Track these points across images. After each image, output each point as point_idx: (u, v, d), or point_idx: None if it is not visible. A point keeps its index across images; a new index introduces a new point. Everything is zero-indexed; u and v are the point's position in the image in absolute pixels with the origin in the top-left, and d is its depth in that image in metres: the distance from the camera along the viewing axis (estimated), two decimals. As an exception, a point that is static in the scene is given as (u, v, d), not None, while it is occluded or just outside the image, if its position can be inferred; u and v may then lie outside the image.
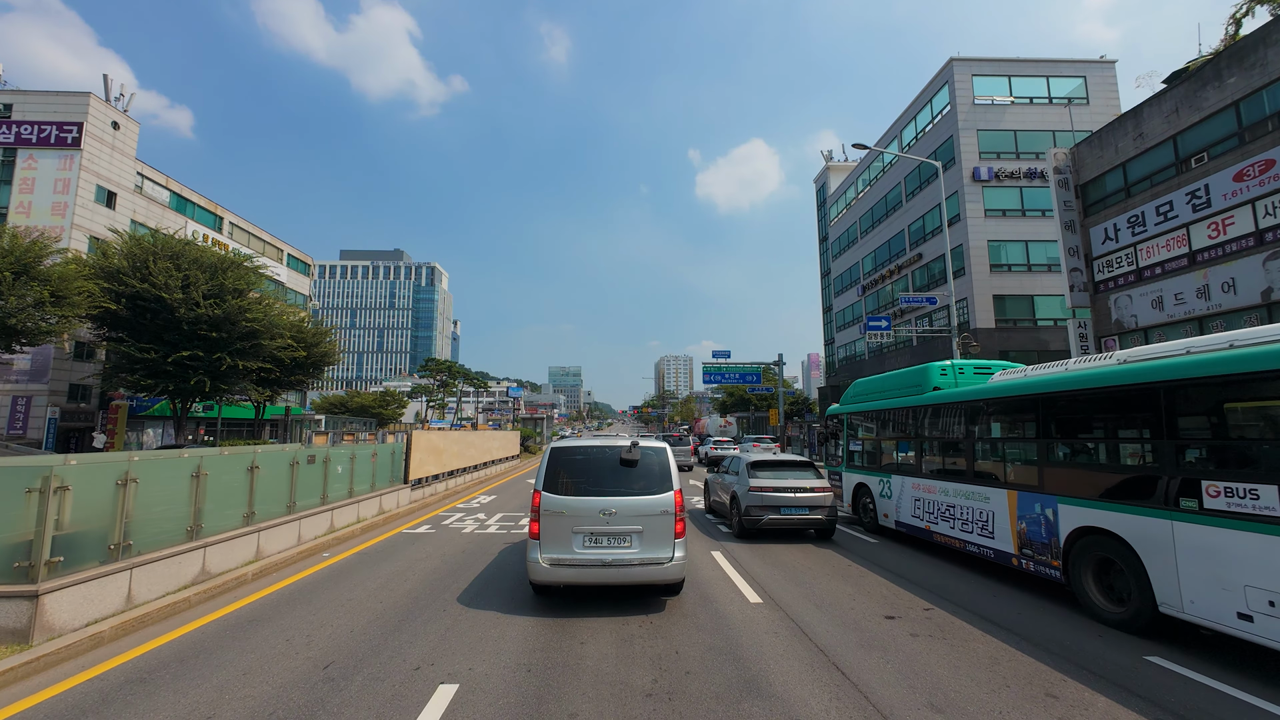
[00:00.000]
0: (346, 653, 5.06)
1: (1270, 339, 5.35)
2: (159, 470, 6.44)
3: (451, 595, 6.89)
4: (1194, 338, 6.86)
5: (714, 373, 43.32)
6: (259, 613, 6.19)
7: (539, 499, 6.46)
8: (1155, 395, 6.04)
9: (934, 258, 35.90)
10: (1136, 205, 19.64)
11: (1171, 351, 6.53)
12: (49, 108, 30.08)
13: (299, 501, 9.26)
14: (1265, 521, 4.85)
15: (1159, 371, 6.12)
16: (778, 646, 5.29)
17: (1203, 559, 5.27)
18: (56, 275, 20.41)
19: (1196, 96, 17.87)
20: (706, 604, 6.60)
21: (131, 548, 5.92)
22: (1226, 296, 16.70)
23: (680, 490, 6.63)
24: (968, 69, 33.52)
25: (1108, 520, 6.29)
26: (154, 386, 24.45)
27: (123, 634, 5.36)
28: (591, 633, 5.61)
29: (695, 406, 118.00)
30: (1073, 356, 21.47)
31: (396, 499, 13.45)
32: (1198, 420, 5.91)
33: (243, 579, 7.19)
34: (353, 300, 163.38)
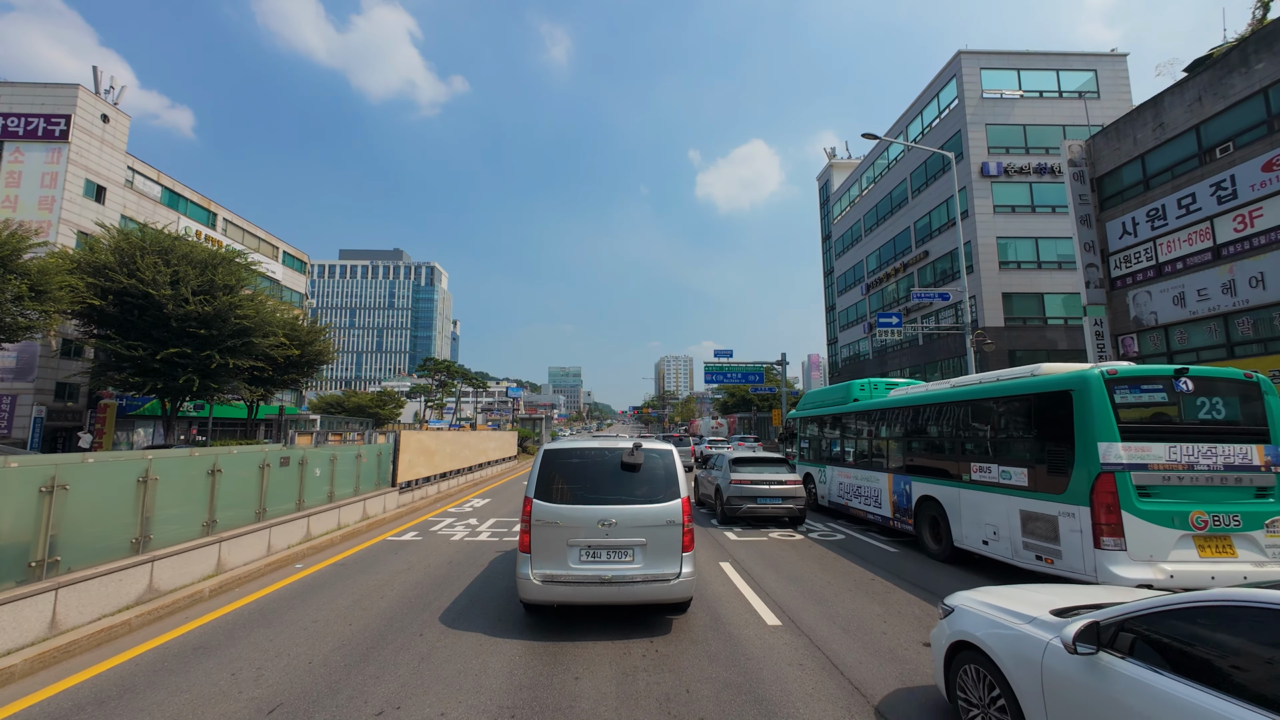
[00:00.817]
0: (299, 692, 4.31)
1: (1010, 377, 8.73)
2: (96, 475, 5.70)
3: (432, 614, 6.14)
4: (999, 370, 9.95)
5: (716, 372, 42.57)
6: (208, 638, 5.43)
7: (530, 507, 5.72)
8: (947, 409, 9.68)
9: (941, 255, 35.16)
10: (1156, 198, 18.90)
11: (963, 382, 10.02)
12: (36, 100, 29.36)
13: (270, 507, 8.51)
14: (992, 486, 8.23)
15: (940, 395, 10.00)
16: (805, 684, 4.54)
17: (969, 510, 8.66)
18: (36, 269, 19.67)
19: (1221, 84, 17.13)
20: (718, 627, 5.84)
21: (59, 564, 5.17)
22: (1255, 292, 15.95)
23: (688, 498, 5.88)
24: (976, 62, 32.80)
25: (934, 490, 9.65)
26: (142, 385, 23.75)
27: (39, 668, 4.60)
28: (588, 664, 4.85)
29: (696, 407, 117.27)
30: (1089, 356, 20.73)
31: (383, 503, 12.69)
32: (970, 425, 9.18)
33: (198, 596, 6.43)
34: (352, 300, 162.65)
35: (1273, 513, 6.75)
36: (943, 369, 35.44)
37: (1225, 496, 6.89)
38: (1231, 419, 7.35)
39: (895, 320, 27.21)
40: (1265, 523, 6.62)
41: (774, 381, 45.53)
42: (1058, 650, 3.00)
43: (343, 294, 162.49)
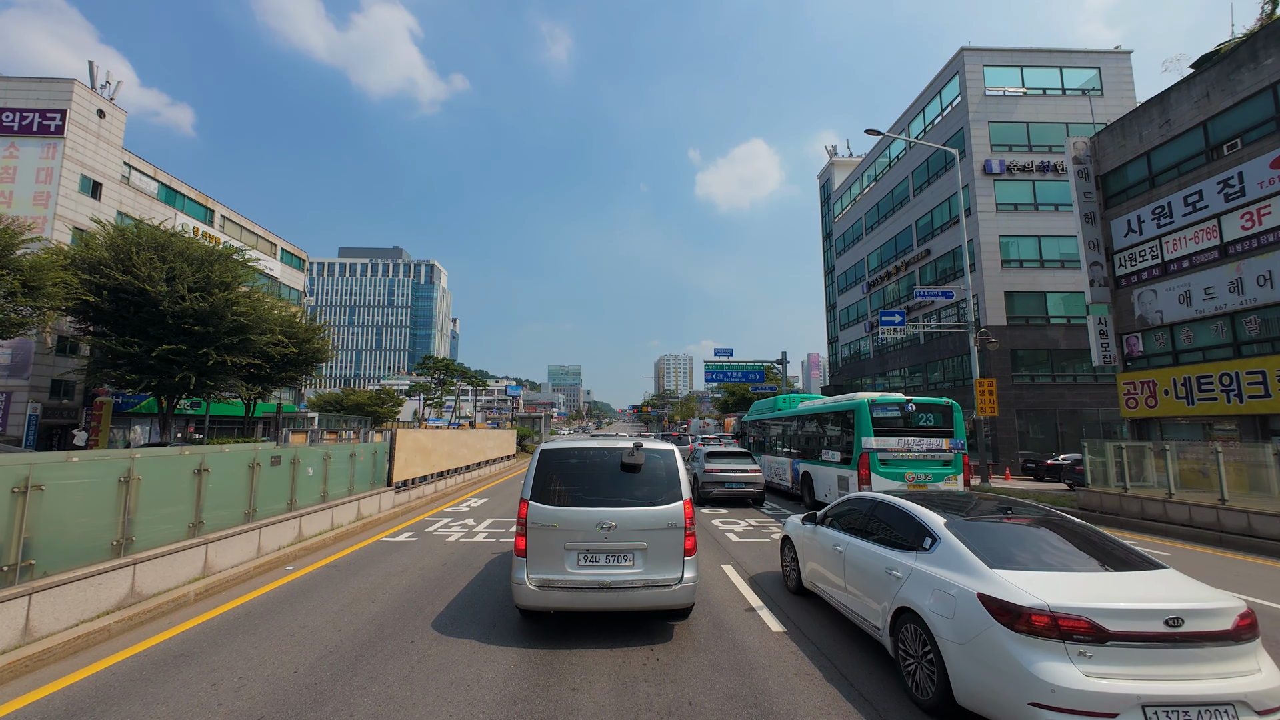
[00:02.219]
0: (282, 704, 4.10)
1: (825, 401, 16.19)
2: (75, 475, 5.48)
3: (425, 620, 5.93)
4: (869, 393, 14.83)
5: (716, 371, 42.37)
6: (191, 645, 5.21)
7: (526, 509, 5.50)
8: (812, 418, 16.09)
9: (942, 253, 34.97)
10: (1162, 196, 18.68)
11: (820, 401, 16.84)
12: (31, 94, 29.07)
13: (260, 508, 8.29)
14: (828, 462, 14.14)
15: (811, 409, 16.51)
16: (814, 696, 4.33)
17: (821, 478, 14.30)
18: (29, 265, 19.44)
19: (1229, 80, 16.90)
20: (721, 634, 5.63)
21: (33, 568, 4.95)
22: (1263, 290, 15.74)
23: (690, 499, 5.67)
24: (979, 59, 32.57)
25: (807, 467, 15.49)
26: (138, 382, 23.52)
27: (9, 677, 4.38)
28: (585, 673, 4.64)
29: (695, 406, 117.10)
30: (1093, 356, 20.53)
31: (378, 503, 12.48)
32: (821, 428, 15.41)
33: (182, 600, 6.22)
34: (351, 298, 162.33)
35: (949, 474, 12.79)
36: (944, 368, 35.25)
37: (925, 466, 12.76)
38: (934, 424, 13.18)
39: (898, 319, 26.99)
40: (944, 479, 12.72)
41: (774, 380, 45.33)
42: (804, 528, 6.77)
43: (342, 292, 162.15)
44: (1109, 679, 3.31)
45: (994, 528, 4.55)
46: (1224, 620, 3.47)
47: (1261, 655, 3.56)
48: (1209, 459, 12.35)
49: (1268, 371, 15.22)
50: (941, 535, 4.48)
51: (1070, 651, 3.40)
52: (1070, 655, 3.39)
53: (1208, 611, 3.49)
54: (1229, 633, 3.44)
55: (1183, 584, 3.82)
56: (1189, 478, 12.97)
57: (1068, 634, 3.42)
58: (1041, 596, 3.58)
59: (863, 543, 5.39)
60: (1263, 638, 3.72)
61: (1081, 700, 3.24)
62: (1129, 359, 20.06)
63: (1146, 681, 3.30)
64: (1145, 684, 3.29)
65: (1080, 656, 3.38)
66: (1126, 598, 3.57)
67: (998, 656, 3.58)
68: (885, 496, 5.68)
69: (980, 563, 4.04)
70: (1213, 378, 16.70)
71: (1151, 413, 18.69)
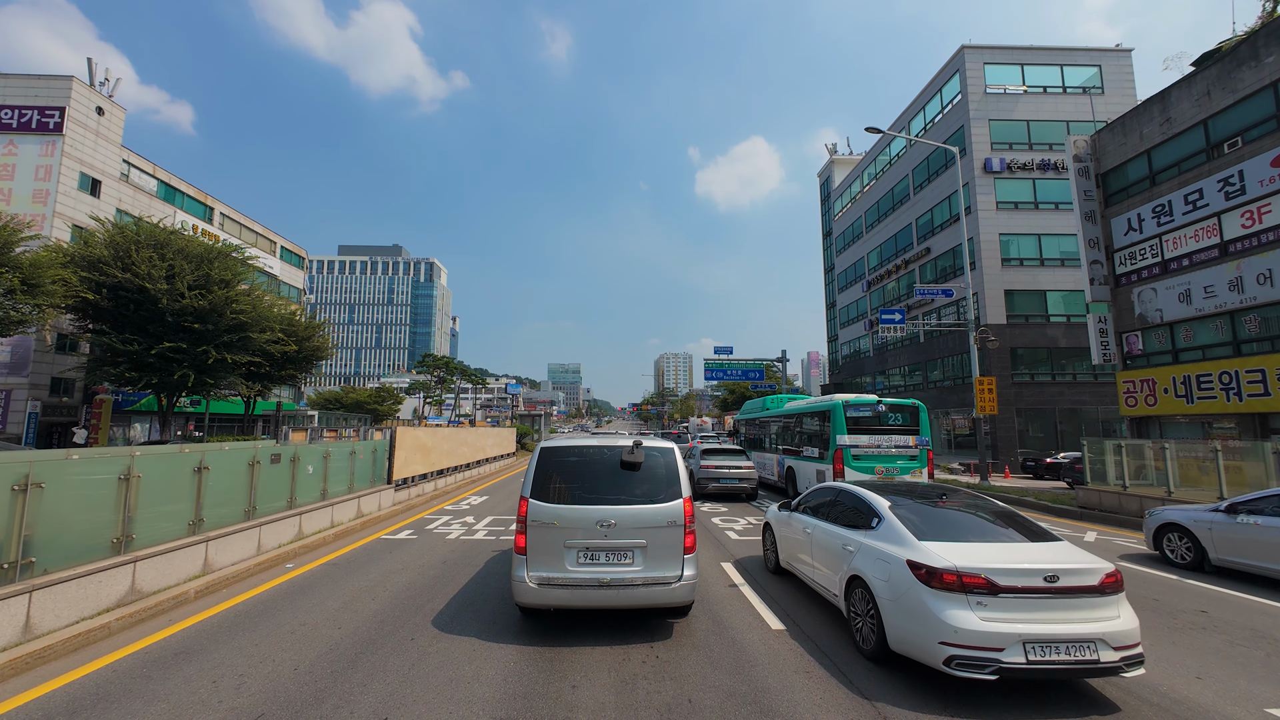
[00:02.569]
0: (282, 701, 4.10)
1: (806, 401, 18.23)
2: (75, 473, 5.47)
3: (425, 618, 5.94)
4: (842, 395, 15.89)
5: (716, 369, 42.37)
6: (191, 642, 5.22)
7: (526, 507, 5.51)
8: (794, 417, 17.79)
9: (943, 252, 34.94)
10: (1163, 194, 18.67)
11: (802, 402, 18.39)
12: (30, 92, 29.00)
13: (260, 506, 8.29)
14: (808, 457, 15.88)
15: (793, 409, 18.11)
16: (813, 693, 4.34)
17: (802, 472, 15.99)
18: (29, 263, 19.41)
19: (1230, 78, 16.88)
20: (720, 630, 5.64)
21: (33, 565, 4.95)
22: (1263, 289, 15.73)
23: (690, 497, 5.68)
24: (979, 57, 32.51)
25: (791, 462, 16.95)
26: (138, 380, 23.51)
27: (10, 674, 4.38)
28: (585, 671, 4.65)
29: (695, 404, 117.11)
30: (1093, 355, 20.54)
31: (378, 501, 12.48)
32: (801, 426, 17.09)
33: (183, 598, 6.22)
34: (351, 296, 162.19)
35: (914, 467, 14.23)
36: (943, 366, 35.26)
37: (893, 460, 14.22)
38: (902, 423, 14.67)
39: (898, 317, 26.97)
40: (910, 472, 14.12)
41: (774, 379, 45.34)
42: (781, 514, 7.70)
43: (342, 290, 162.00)
44: (999, 622, 4.19)
45: (928, 509, 5.47)
46: (1092, 578, 4.35)
47: (1123, 605, 4.40)
48: (1208, 457, 12.35)
49: (1267, 370, 15.22)
50: (885, 516, 5.39)
51: (970, 602, 4.29)
52: (970, 604, 4.28)
53: (1079, 570, 4.37)
54: (1095, 587, 4.31)
55: (1068, 551, 4.70)
56: (1188, 476, 12.98)
57: (969, 588, 4.31)
58: (951, 560, 4.47)
59: (826, 525, 6.31)
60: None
61: (976, 638, 4.13)
62: (1129, 357, 20.06)
63: (1028, 624, 4.19)
64: (1027, 625, 4.18)
65: (978, 605, 4.28)
66: (1017, 560, 4.48)
67: (918, 608, 4.46)
68: (846, 485, 6.55)
69: (912, 536, 4.93)
70: (1212, 376, 16.71)
71: (1151, 411, 18.70)
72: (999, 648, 4.10)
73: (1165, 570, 8.57)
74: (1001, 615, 4.22)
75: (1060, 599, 4.28)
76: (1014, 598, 4.26)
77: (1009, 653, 4.07)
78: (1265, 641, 5.60)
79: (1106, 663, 4.10)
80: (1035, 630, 4.15)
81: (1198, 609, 6.67)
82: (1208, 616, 6.39)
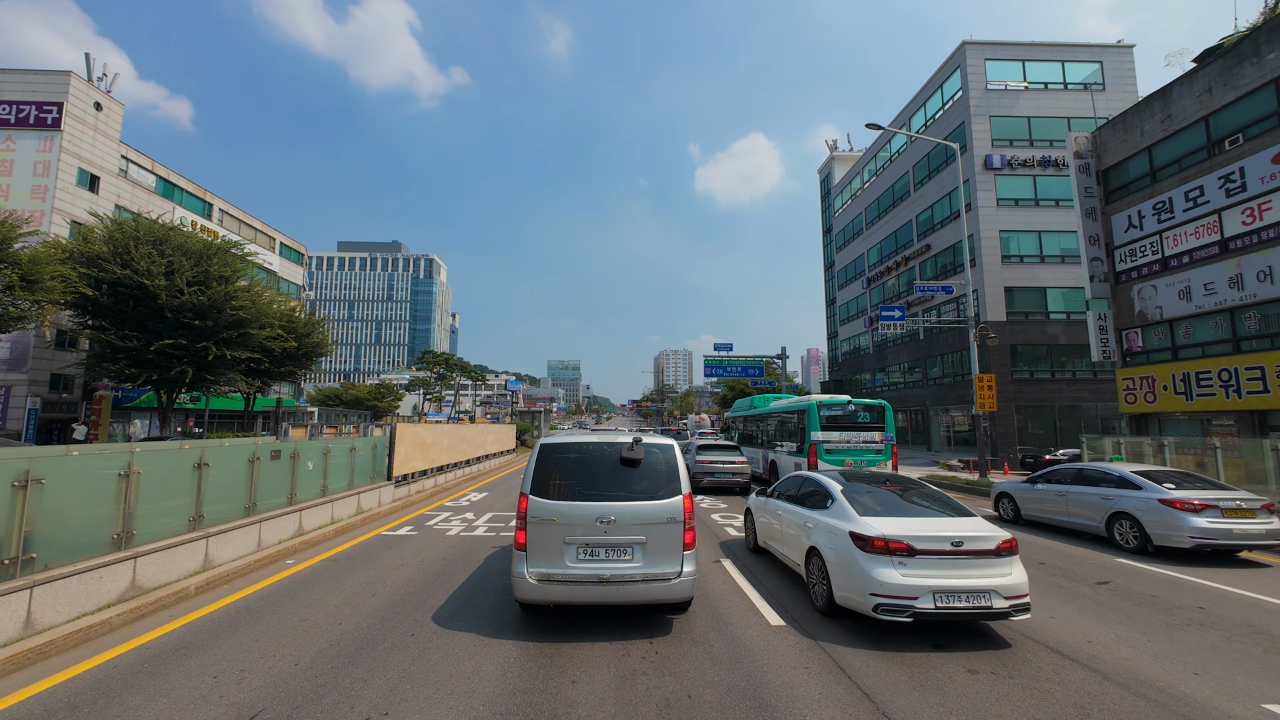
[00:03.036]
0: (283, 696, 4.12)
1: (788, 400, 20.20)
2: (75, 469, 5.48)
3: (425, 613, 5.96)
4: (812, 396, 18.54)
5: (715, 366, 42.36)
6: (192, 638, 5.24)
7: (525, 504, 5.52)
8: (775, 414, 19.89)
9: (943, 249, 34.91)
10: (1163, 191, 18.64)
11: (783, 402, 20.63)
12: (28, 87, 28.90)
13: (260, 502, 8.30)
14: (788, 451, 17.75)
15: (776, 408, 20.07)
16: (812, 688, 4.36)
17: (782, 464, 17.80)
18: (27, 258, 19.38)
19: (1232, 74, 16.84)
20: (720, 627, 5.66)
21: (34, 561, 4.96)
22: (1263, 286, 15.73)
23: (690, 494, 5.69)
24: (980, 53, 32.41)
25: (773, 455, 18.88)
26: (137, 376, 23.50)
27: (12, 669, 4.40)
28: (585, 667, 4.67)
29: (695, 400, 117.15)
30: (1092, 352, 20.56)
31: (378, 497, 12.50)
32: (781, 423, 19.11)
33: (183, 594, 6.24)
34: (350, 292, 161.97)
35: (880, 460, 15.92)
36: (943, 363, 35.27)
37: (861, 454, 15.92)
38: (869, 420, 16.44)
39: (898, 314, 26.95)
40: (876, 464, 15.75)
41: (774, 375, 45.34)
42: (759, 500, 8.75)
43: (341, 286, 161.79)
44: (915, 577, 5.29)
45: (871, 491, 6.56)
46: (990, 543, 5.47)
47: (1015, 565, 5.53)
48: (1207, 454, 12.37)
49: (1266, 367, 15.23)
50: (836, 497, 6.49)
51: (894, 562, 5.38)
52: (894, 564, 5.38)
53: (980, 538, 5.49)
54: (992, 551, 5.45)
55: (975, 524, 5.76)
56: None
57: (893, 551, 5.40)
58: (881, 530, 5.58)
59: (794, 507, 7.34)
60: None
61: (897, 590, 5.24)
62: (1128, 354, 20.07)
63: (938, 578, 5.29)
64: (937, 579, 5.28)
65: (900, 564, 5.37)
66: (932, 530, 5.57)
67: (855, 569, 5.56)
68: (810, 474, 7.66)
69: (855, 513, 6.03)
70: (1212, 373, 16.72)
71: (1150, 408, 18.72)
72: (914, 597, 5.19)
73: (997, 524, 9.96)
74: (917, 572, 5.32)
75: (964, 559, 5.40)
76: (927, 558, 5.36)
77: (921, 600, 5.18)
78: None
79: (998, 609, 5.25)
80: (943, 583, 5.24)
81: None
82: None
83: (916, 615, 5.15)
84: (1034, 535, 10.99)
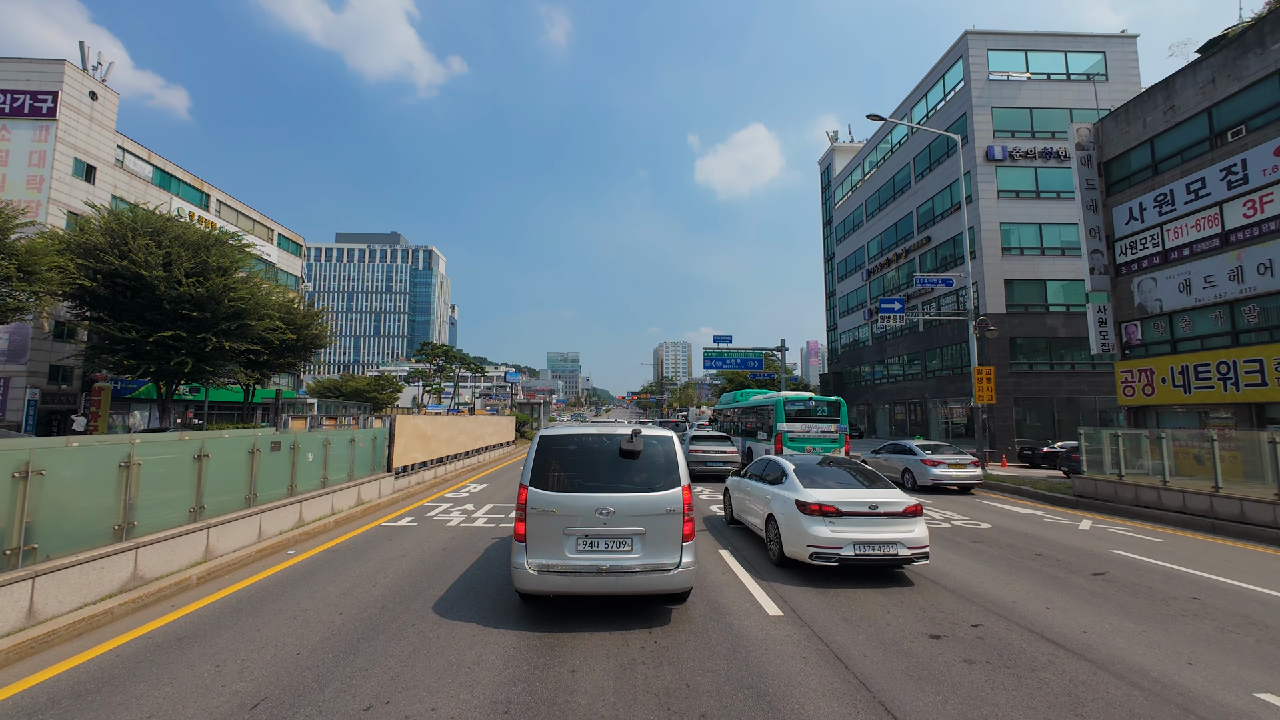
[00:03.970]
0: (285, 685, 4.15)
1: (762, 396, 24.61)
2: (75, 460, 5.49)
3: (425, 603, 5.99)
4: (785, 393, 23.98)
5: (715, 358, 42.38)
6: (194, 627, 5.27)
7: (525, 495, 5.54)
8: (752, 408, 23.26)
9: (943, 241, 34.83)
10: (1165, 183, 18.58)
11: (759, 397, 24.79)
12: (21, 76, 28.63)
13: (261, 493, 8.33)
14: (759, 440, 20.80)
15: (752, 402, 24.16)
16: (810, 678, 4.40)
17: (756, 451, 20.33)
18: (24, 249, 19.30)
19: (1236, 65, 16.73)
20: (719, 618, 5.70)
21: (35, 552, 4.98)
22: (1263, 279, 15.72)
23: (689, 485, 5.71)
24: (983, 43, 32.17)
25: (749, 444, 21.86)
26: (136, 367, 23.50)
27: (15, 659, 4.43)
28: (584, 656, 4.71)
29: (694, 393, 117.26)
30: (1091, 345, 20.58)
31: (378, 488, 12.54)
32: (755, 416, 22.31)
33: (185, 584, 6.27)
34: (349, 283, 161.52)
35: (835, 447, 18.49)
36: (942, 355, 35.29)
37: (819, 442, 18.53)
38: (826, 414, 19.08)
39: (898, 306, 26.93)
40: (832, 450, 18.06)
41: (773, 368, 45.37)
42: (735, 480, 10.46)
43: (340, 277, 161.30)
44: (840, 532, 6.95)
45: (816, 469, 8.23)
46: (899, 507, 7.09)
47: (919, 523, 7.18)
48: (1204, 447, 12.42)
49: (1265, 360, 15.26)
50: (789, 474, 8.12)
51: (825, 522, 7.05)
52: (825, 523, 7.04)
53: (892, 503, 7.13)
54: (901, 513, 7.08)
55: (891, 493, 7.41)
56: (1184, 465, 13.05)
57: (825, 514, 7.07)
58: (818, 498, 7.24)
59: (759, 484, 8.94)
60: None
61: (827, 542, 6.90)
62: (1127, 347, 20.09)
63: (858, 533, 6.95)
64: (857, 534, 6.94)
65: (830, 523, 7.03)
66: (857, 498, 7.22)
67: (798, 527, 7.18)
68: (772, 457, 9.31)
69: (801, 486, 7.65)
70: (1210, 366, 16.75)
71: (1148, 401, 18.77)
72: (839, 547, 6.86)
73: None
74: (843, 529, 6.96)
75: (879, 519, 7.04)
76: (851, 518, 7.03)
77: (844, 550, 6.85)
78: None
79: (903, 557, 6.91)
80: (861, 537, 6.91)
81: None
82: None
83: (841, 561, 6.82)
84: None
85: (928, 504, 13.86)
